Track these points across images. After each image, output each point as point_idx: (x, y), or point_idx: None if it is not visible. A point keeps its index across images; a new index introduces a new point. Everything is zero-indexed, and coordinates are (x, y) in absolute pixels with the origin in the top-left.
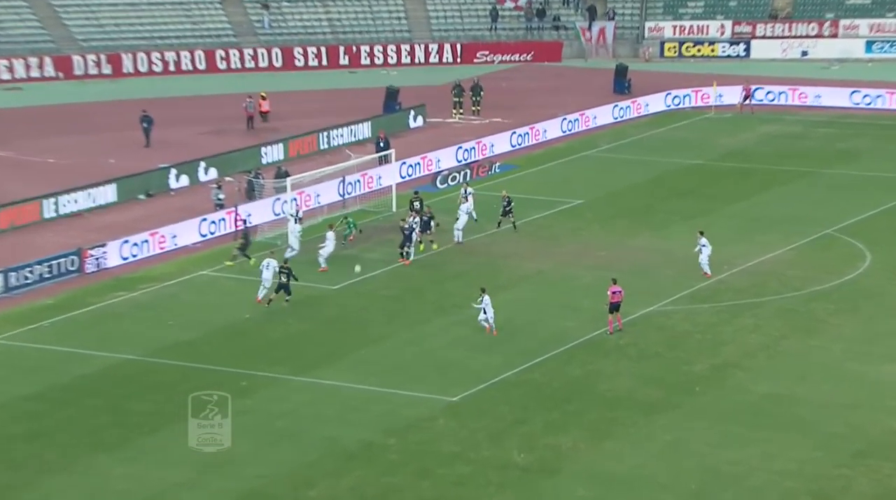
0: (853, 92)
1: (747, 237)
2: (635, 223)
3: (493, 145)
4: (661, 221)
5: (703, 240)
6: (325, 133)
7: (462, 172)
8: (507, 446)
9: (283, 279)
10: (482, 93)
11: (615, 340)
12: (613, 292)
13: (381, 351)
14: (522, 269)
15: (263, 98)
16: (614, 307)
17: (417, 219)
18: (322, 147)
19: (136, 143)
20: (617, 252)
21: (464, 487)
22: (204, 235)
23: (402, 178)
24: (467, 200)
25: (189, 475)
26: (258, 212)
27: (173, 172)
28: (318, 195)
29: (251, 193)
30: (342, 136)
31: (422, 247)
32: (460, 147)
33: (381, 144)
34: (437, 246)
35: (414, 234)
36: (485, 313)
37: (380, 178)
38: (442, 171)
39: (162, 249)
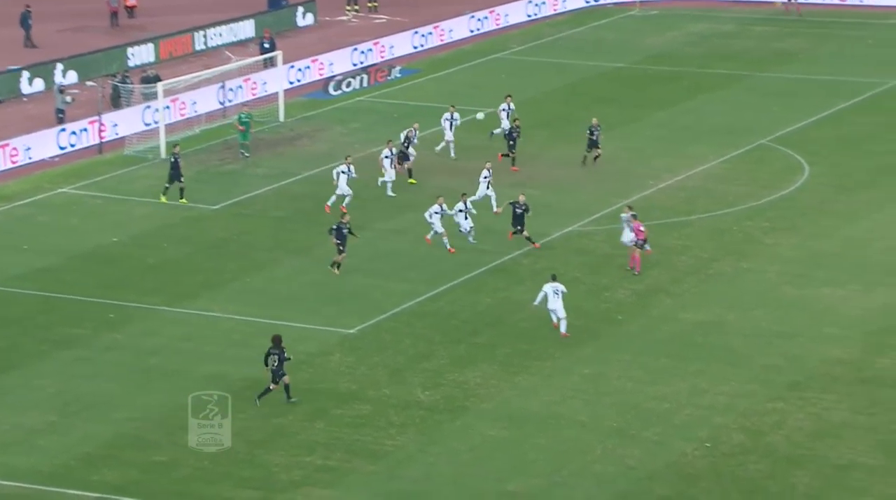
0: None
1: (675, 149)
2: (553, 134)
3: (392, 47)
4: (582, 132)
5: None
6: (202, 32)
7: (358, 77)
8: (410, 382)
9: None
10: None
11: (529, 265)
12: (638, 230)
13: (269, 279)
14: (427, 186)
15: None
16: (639, 244)
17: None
18: (198, 48)
19: None
20: (534, 166)
21: (362, 428)
22: (63, 148)
23: (291, 83)
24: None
25: (49, 419)
26: (125, 121)
27: (25, 75)
28: (194, 103)
29: (116, 100)
30: (221, 35)
31: (412, 181)
32: (355, 49)
33: (266, 45)
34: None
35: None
36: (466, 218)
37: (265, 83)
38: (335, 76)
39: (14, 163)
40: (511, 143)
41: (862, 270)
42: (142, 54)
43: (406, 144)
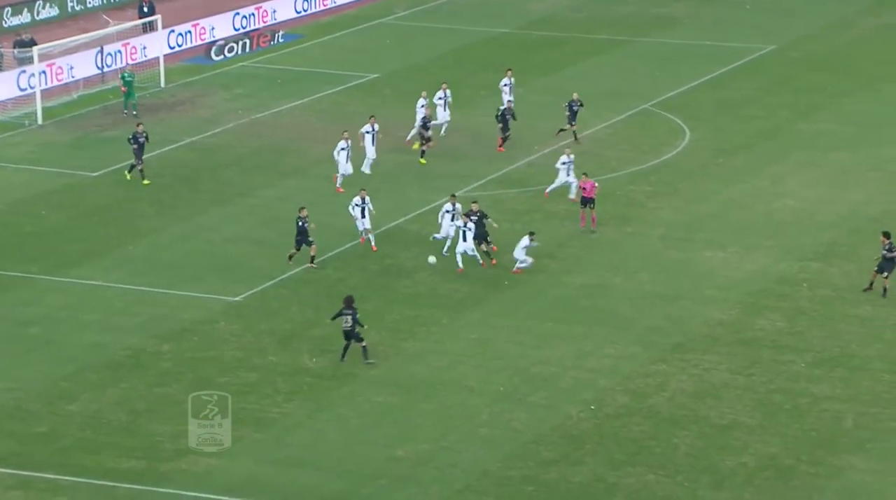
0: None
1: (559, 113)
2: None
3: (274, 11)
4: (467, 98)
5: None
6: None
7: (240, 42)
8: (298, 350)
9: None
10: None
11: (415, 231)
12: (583, 187)
13: (151, 247)
14: (312, 153)
15: None
16: (586, 201)
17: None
18: (74, 9)
19: None
20: (409, 131)
21: (249, 396)
22: None
23: (171, 48)
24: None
25: None
26: None
27: None
28: (71, 68)
29: None
30: None
31: (417, 145)
32: (237, 13)
33: (145, 9)
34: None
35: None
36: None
37: (144, 48)
38: (217, 41)
39: None
40: (503, 125)
41: (742, 233)
42: (14, 17)
43: (426, 122)
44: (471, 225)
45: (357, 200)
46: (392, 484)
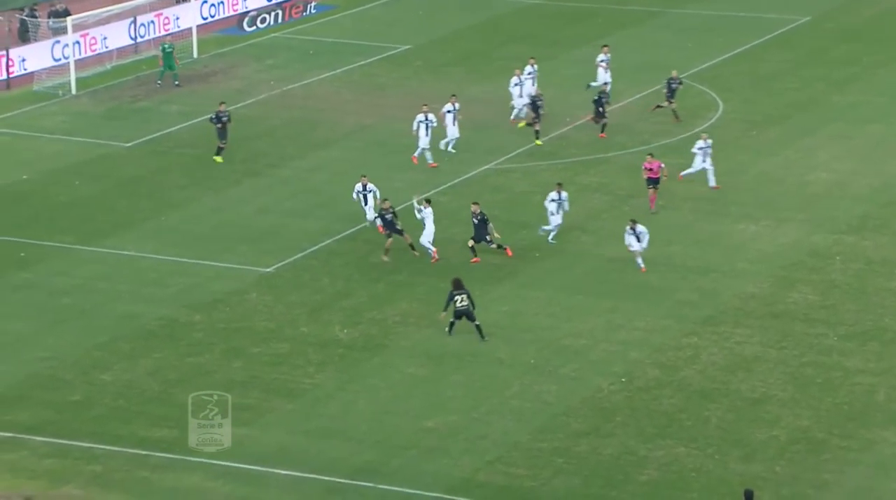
0: None
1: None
2: (469, 72)
3: None
4: (497, 70)
5: (640, 228)
6: None
7: (273, 13)
8: (329, 321)
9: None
10: None
11: (446, 203)
12: (650, 168)
13: (184, 218)
14: (343, 124)
15: None
16: (652, 182)
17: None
18: None
19: None
20: (443, 105)
21: (280, 366)
22: None
23: (204, 19)
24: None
25: None
26: (34, 56)
27: None
28: (105, 38)
29: (24, 35)
30: None
31: (522, 124)
32: None
33: None
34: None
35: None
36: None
37: (177, 19)
38: (249, 11)
39: None
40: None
41: (774, 205)
42: None
43: (536, 100)
44: (428, 212)
45: (358, 186)
46: (422, 455)
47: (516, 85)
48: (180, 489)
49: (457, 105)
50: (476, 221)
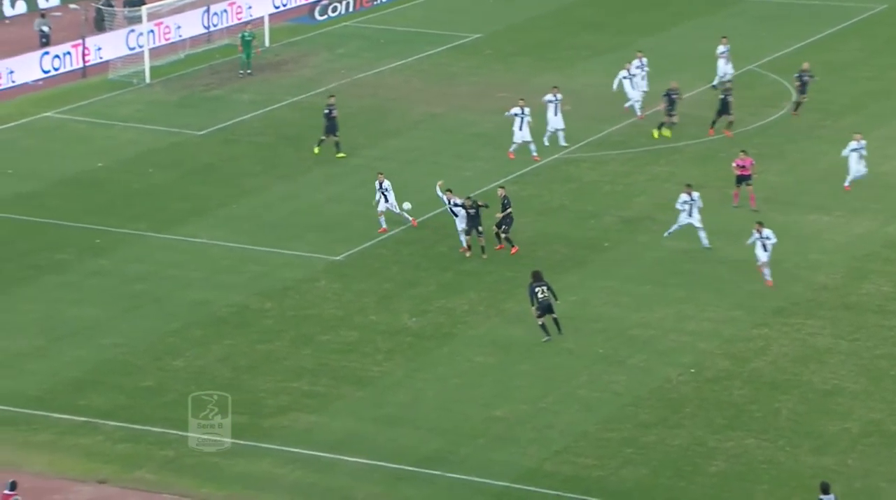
0: None
1: (662, 75)
2: (539, 61)
3: None
4: (568, 58)
5: (767, 232)
6: None
7: (344, 2)
8: (397, 309)
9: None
10: None
11: (516, 192)
12: (741, 165)
13: (255, 206)
14: (413, 113)
15: None
16: (741, 179)
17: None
18: None
19: None
20: (519, 93)
21: (349, 354)
22: (47, 72)
23: (276, 8)
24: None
25: (36, 344)
26: (109, 45)
27: None
28: (178, 27)
29: (100, 24)
30: None
31: (656, 134)
32: None
33: None
34: (668, 134)
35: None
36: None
37: (250, 8)
38: (321, 1)
39: None
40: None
41: (848, 196)
42: None
43: (672, 97)
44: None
45: (375, 184)
46: (490, 444)
47: (625, 78)
48: (250, 474)
49: (559, 96)
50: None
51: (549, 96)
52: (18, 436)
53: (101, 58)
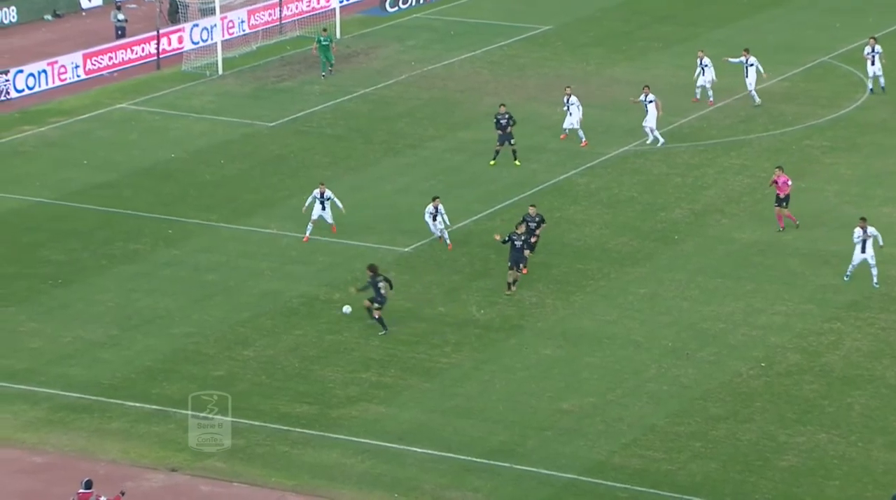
0: None
1: (732, 68)
2: (610, 52)
3: None
4: (638, 50)
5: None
6: None
7: None
8: (465, 301)
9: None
10: None
11: (585, 184)
12: (776, 182)
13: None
14: (482, 105)
15: None
16: (781, 201)
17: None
18: None
19: None
20: (590, 85)
21: (417, 345)
22: (122, 63)
23: (347, 1)
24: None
25: (109, 333)
26: (183, 37)
27: None
28: (250, 19)
29: (174, 16)
30: None
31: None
32: None
33: None
34: None
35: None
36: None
37: (321, 1)
38: None
39: (74, 78)
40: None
41: None
42: None
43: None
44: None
45: (430, 208)
46: (558, 436)
47: (705, 66)
48: (319, 464)
49: (650, 96)
50: (531, 226)
51: (642, 97)
52: (92, 424)
53: (175, 49)
